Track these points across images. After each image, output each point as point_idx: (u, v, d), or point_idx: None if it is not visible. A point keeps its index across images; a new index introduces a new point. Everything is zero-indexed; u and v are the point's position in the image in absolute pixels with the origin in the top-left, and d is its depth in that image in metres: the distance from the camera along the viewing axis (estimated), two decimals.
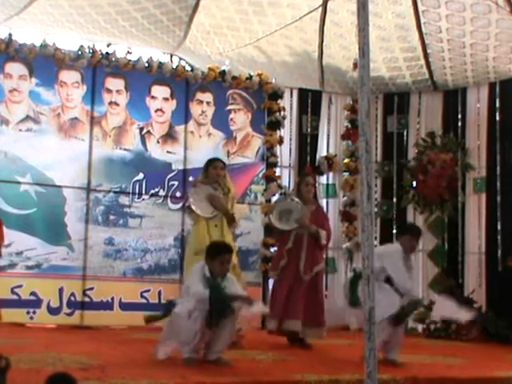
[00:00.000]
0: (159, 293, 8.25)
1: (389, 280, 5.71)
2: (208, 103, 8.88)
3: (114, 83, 8.37)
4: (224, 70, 8.92)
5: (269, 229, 7.98)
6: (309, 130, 9.77)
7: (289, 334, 6.76)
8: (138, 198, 8.34)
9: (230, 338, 5.22)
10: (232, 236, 6.74)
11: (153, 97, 8.57)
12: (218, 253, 5.23)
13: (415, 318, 8.77)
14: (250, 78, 9.06)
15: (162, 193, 8.46)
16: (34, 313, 7.69)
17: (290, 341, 6.80)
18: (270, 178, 9.01)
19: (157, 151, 8.51)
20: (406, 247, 5.90)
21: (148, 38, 8.84)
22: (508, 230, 8.66)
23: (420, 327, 8.80)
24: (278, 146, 9.19)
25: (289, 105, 9.65)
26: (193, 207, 6.51)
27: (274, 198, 9.08)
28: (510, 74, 8.57)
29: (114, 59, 8.31)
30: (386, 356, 5.63)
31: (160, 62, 8.59)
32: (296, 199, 6.81)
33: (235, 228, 6.98)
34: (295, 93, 9.79)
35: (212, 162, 6.68)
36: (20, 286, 7.65)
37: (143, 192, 8.37)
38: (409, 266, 5.93)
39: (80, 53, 8.15)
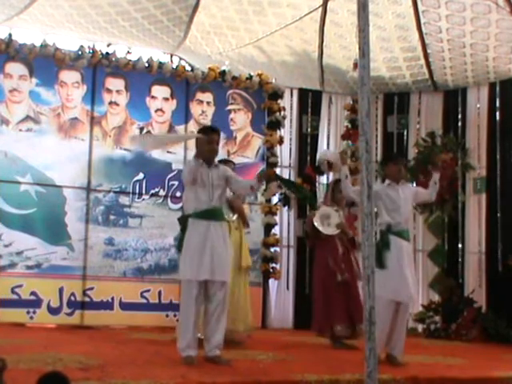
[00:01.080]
0: (159, 293, 8.25)
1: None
2: (208, 103, 8.88)
3: (114, 83, 8.37)
4: (224, 70, 8.92)
5: (307, 235, 8.09)
6: (309, 129, 9.76)
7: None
8: (138, 198, 8.34)
9: (224, 327, 5.26)
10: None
11: (153, 97, 8.58)
12: (205, 133, 5.33)
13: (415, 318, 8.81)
14: (250, 78, 9.06)
15: (162, 193, 8.46)
16: (34, 313, 7.69)
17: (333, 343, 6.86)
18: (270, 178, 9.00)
19: (157, 151, 8.49)
20: (391, 177, 5.85)
21: (148, 38, 8.83)
22: (508, 230, 8.65)
23: (420, 327, 8.80)
24: (278, 146, 9.19)
25: (289, 105, 9.65)
26: None
27: (275, 199, 9.09)
28: (510, 74, 8.57)
29: (114, 59, 8.31)
30: (388, 351, 5.62)
31: (160, 62, 8.59)
32: (333, 204, 6.96)
33: (248, 228, 7.08)
34: (295, 93, 9.79)
35: None
36: (20, 286, 7.66)
37: (143, 192, 8.37)
38: (408, 192, 5.88)
39: (80, 53, 8.15)
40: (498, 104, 8.92)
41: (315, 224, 6.91)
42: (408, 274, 5.71)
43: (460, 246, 9.11)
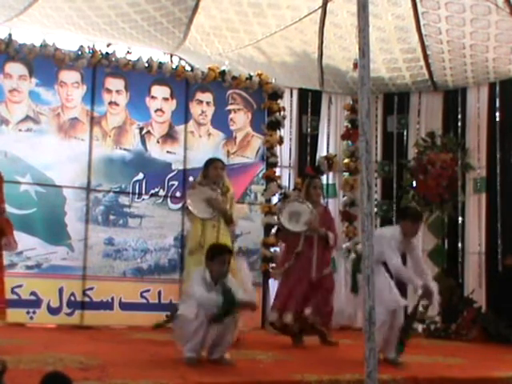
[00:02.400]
0: (159, 293, 8.25)
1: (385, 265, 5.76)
2: (208, 103, 8.87)
3: (114, 83, 8.37)
4: (224, 70, 8.91)
5: (276, 230, 8.14)
6: (309, 129, 9.78)
7: (291, 331, 6.80)
8: (138, 198, 8.34)
9: (233, 336, 5.26)
10: (231, 237, 6.79)
11: (153, 97, 8.57)
12: (217, 254, 5.27)
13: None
14: (250, 78, 9.05)
15: (161, 193, 8.46)
16: (34, 313, 7.70)
17: (293, 341, 6.83)
18: (269, 178, 9.01)
19: (157, 151, 8.51)
20: (406, 232, 5.86)
21: (148, 39, 8.84)
22: (508, 230, 8.66)
23: (420, 327, 8.80)
24: (277, 146, 9.20)
25: (289, 105, 9.65)
26: (190, 208, 6.57)
27: (275, 199, 9.10)
28: (510, 74, 8.57)
29: (113, 59, 8.30)
30: (385, 356, 5.64)
31: (160, 62, 8.58)
32: (306, 202, 6.88)
33: (234, 228, 7.00)
34: (295, 93, 9.79)
35: (212, 163, 6.73)
36: (20, 286, 7.66)
37: (143, 192, 8.36)
38: (410, 249, 5.91)
39: (80, 53, 8.15)
40: (497, 104, 8.94)
41: (281, 220, 6.95)
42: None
43: (460, 245, 9.12)
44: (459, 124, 9.36)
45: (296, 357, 5.91)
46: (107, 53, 8.29)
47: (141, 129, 8.46)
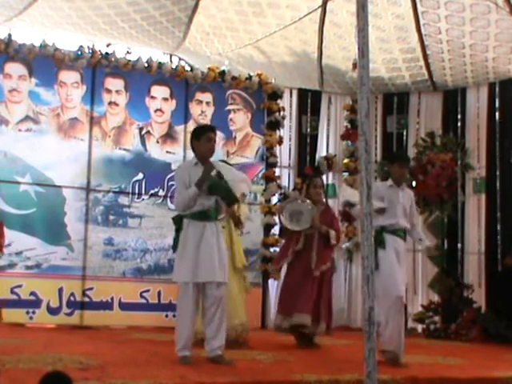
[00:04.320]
0: (159, 293, 8.25)
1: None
2: (207, 103, 8.88)
3: (114, 83, 8.37)
4: (223, 70, 8.92)
5: (280, 230, 8.15)
6: (308, 130, 9.78)
7: (296, 330, 6.76)
8: (138, 198, 8.35)
9: (225, 328, 5.26)
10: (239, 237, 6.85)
11: (152, 97, 8.57)
12: (201, 132, 5.32)
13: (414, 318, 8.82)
14: (250, 78, 9.06)
15: (161, 193, 8.46)
16: (34, 313, 7.69)
17: (297, 340, 6.80)
18: (269, 178, 9.01)
19: (156, 151, 8.51)
20: (395, 177, 5.85)
21: (147, 39, 8.84)
22: (508, 230, 8.67)
23: (420, 327, 8.81)
24: (277, 146, 9.20)
25: (288, 105, 9.66)
26: None
27: (275, 199, 9.09)
28: (510, 74, 8.58)
29: (113, 59, 8.31)
30: (383, 348, 5.60)
31: (160, 62, 8.58)
32: (307, 200, 6.88)
33: (242, 229, 7.01)
34: (295, 93, 9.80)
35: None
36: (20, 286, 7.66)
37: (143, 192, 8.37)
38: (404, 198, 5.82)
39: (80, 53, 8.15)
40: (497, 104, 8.94)
41: (281, 220, 7.00)
42: (400, 272, 5.70)
43: (459, 246, 9.12)
44: (459, 124, 9.37)
45: (296, 357, 5.90)
46: (107, 53, 8.29)
47: (140, 129, 8.46)
